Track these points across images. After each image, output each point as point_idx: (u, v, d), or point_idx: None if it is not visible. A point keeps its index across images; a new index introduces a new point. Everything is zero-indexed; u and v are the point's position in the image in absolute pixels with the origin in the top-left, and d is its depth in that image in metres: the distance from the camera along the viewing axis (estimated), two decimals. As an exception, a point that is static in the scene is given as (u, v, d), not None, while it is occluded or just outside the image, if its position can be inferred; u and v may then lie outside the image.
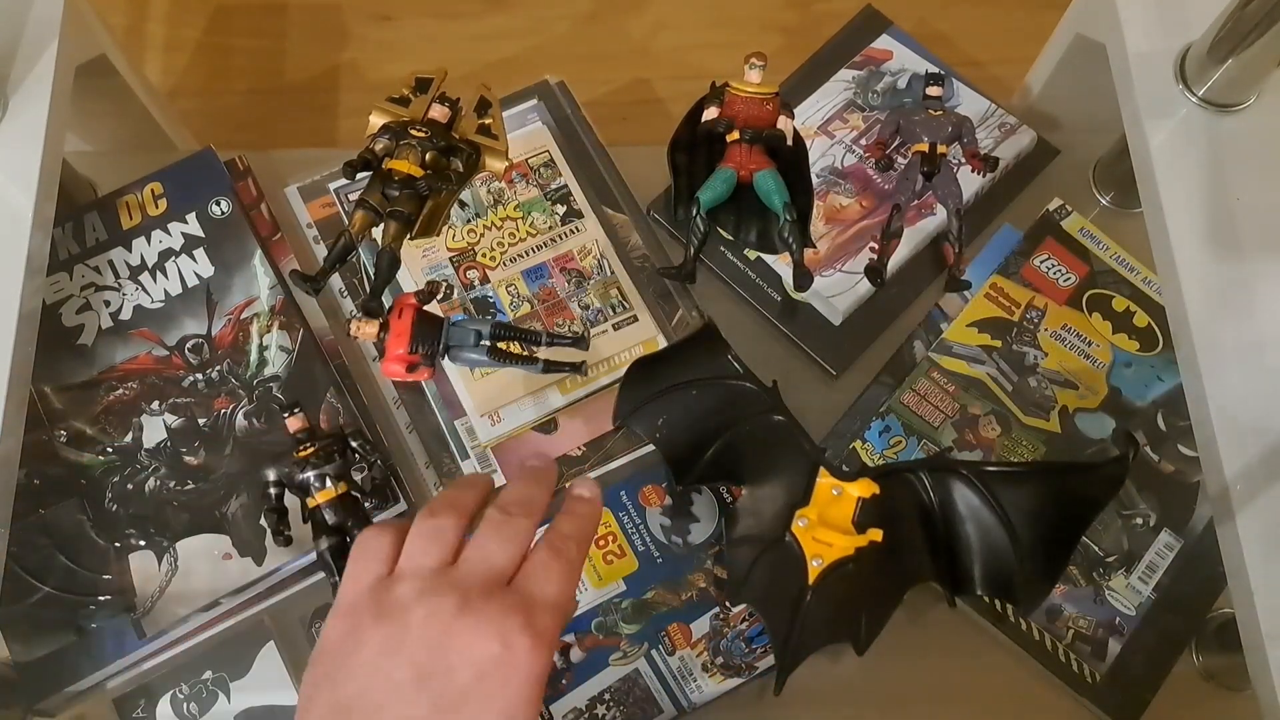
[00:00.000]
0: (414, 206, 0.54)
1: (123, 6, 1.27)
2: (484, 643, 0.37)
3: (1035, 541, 0.56)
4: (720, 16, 1.28)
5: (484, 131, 0.58)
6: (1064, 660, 0.63)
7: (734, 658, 0.63)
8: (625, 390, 0.63)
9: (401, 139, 0.54)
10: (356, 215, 0.54)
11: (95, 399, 0.66)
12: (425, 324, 0.56)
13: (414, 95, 0.57)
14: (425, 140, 0.54)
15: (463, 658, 0.37)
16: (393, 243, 0.54)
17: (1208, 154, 0.59)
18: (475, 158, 0.57)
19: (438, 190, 0.54)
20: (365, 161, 0.54)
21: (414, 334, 0.55)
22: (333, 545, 0.56)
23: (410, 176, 0.53)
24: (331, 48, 1.26)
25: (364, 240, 0.56)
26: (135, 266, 0.70)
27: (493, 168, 0.58)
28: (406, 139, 0.54)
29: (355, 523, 0.57)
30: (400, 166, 0.53)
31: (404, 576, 0.40)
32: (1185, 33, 0.62)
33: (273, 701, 0.61)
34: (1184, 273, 0.56)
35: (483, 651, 0.37)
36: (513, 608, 0.39)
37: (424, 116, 0.56)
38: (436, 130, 0.55)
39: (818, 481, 0.57)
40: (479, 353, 0.58)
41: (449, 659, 0.37)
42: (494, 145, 0.57)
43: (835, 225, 0.73)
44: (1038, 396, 0.69)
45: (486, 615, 0.38)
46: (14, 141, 0.59)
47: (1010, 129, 0.76)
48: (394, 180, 0.53)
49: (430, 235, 0.57)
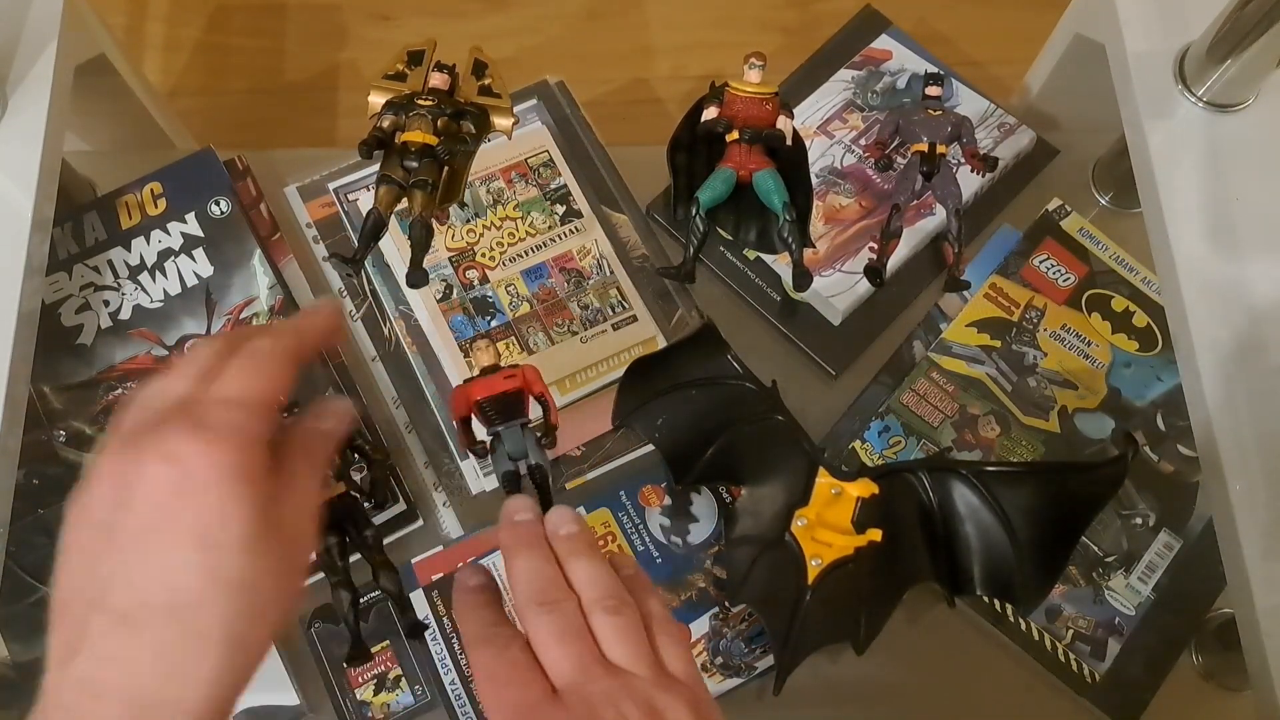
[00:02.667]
0: (435, 174, 0.54)
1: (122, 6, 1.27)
2: (151, 469, 0.32)
3: (1034, 541, 0.56)
4: (720, 16, 1.28)
5: (486, 92, 0.57)
6: (1063, 660, 0.63)
7: (733, 658, 0.63)
8: (624, 390, 0.63)
9: (409, 111, 0.54)
10: (381, 191, 0.55)
11: (94, 399, 0.66)
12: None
13: (409, 69, 0.57)
14: (434, 108, 0.54)
15: (139, 495, 0.32)
16: (422, 212, 0.54)
17: (1207, 154, 0.59)
18: (484, 118, 0.57)
19: (455, 154, 0.55)
20: (378, 140, 0.54)
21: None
22: (331, 545, 0.56)
23: (427, 145, 0.53)
24: (331, 47, 1.26)
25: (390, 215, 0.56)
26: (134, 266, 0.70)
27: (501, 126, 0.58)
28: (415, 110, 0.54)
29: (353, 523, 0.57)
30: (415, 137, 0.54)
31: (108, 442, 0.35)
32: (1185, 33, 0.62)
33: (273, 701, 0.61)
34: (1183, 273, 0.56)
35: (152, 480, 0.32)
36: (173, 423, 0.33)
37: (425, 87, 0.56)
38: (441, 97, 0.55)
39: (817, 481, 0.57)
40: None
41: (129, 506, 0.32)
42: (498, 104, 0.57)
43: (834, 225, 0.73)
44: (1037, 396, 0.69)
45: (145, 443, 0.33)
46: (13, 141, 0.59)
47: (1009, 129, 0.76)
48: (411, 151, 0.53)
49: (455, 200, 0.57)
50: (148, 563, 0.32)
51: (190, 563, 0.32)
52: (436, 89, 0.56)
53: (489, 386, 0.55)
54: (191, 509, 0.32)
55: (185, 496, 0.32)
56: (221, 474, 0.32)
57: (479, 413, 0.55)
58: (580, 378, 0.69)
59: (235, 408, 0.34)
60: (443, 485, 0.67)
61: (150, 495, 0.32)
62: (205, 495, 0.32)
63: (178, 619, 0.31)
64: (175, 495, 0.32)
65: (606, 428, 0.66)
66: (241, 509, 0.32)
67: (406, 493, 0.65)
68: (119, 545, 0.32)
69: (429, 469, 0.67)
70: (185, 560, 0.32)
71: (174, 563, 0.32)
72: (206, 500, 0.32)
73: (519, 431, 0.55)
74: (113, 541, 0.32)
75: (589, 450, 0.67)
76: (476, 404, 0.54)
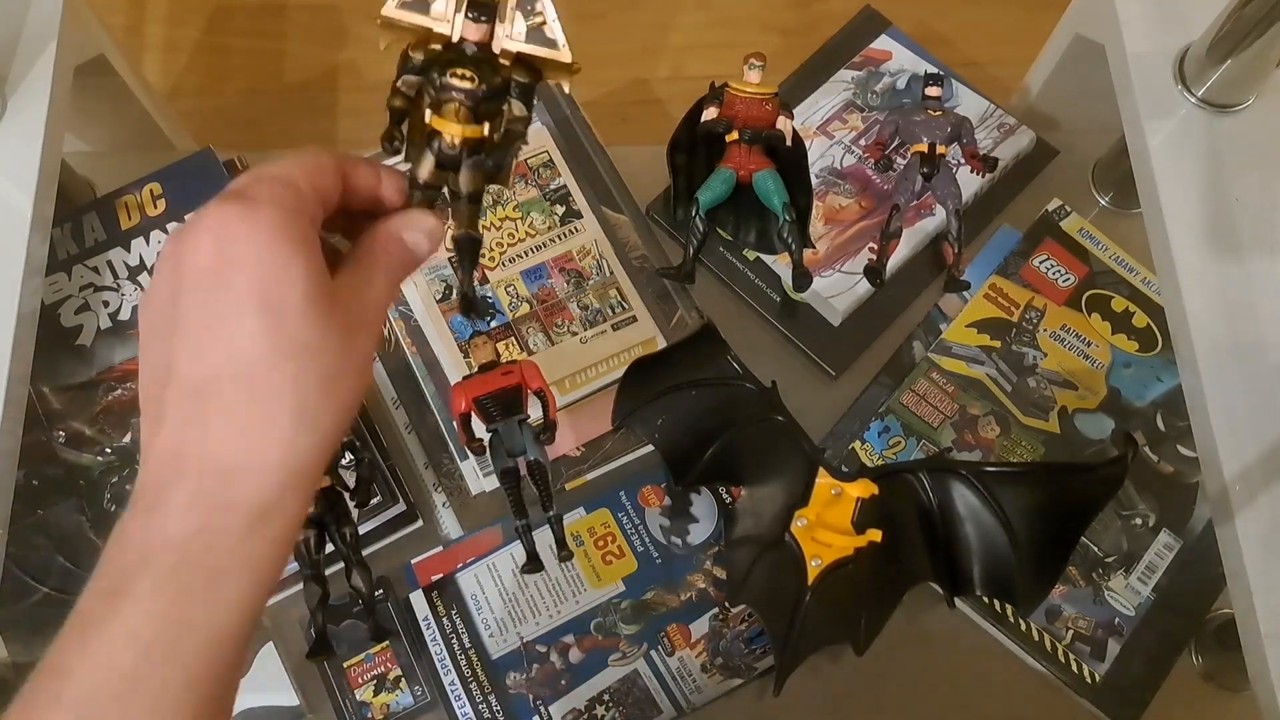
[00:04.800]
0: (481, 182, 0.41)
1: (122, 6, 1.27)
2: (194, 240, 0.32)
3: (1034, 542, 0.56)
4: (720, 17, 1.28)
5: (537, 38, 0.39)
6: (1063, 661, 0.63)
7: (733, 658, 0.63)
8: (624, 391, 0.63)
9: (442, 90, 0.38)
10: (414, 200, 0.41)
11: (94, 399, 0.66)
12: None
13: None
14: (474, 91, 0.38)
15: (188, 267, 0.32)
16: (469, 226, 0.42)
17: (1207, 154, 0.59)
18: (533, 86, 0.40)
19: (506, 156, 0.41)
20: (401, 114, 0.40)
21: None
22: (309, 537, 0.56)
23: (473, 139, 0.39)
24: (331, 48, 1.26)
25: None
26: (134, 267, 0.70)
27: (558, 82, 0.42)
28: (449, 92, 0.38)
29: (334, 518, 0.57)
30: (450, 129, 0.39)
31: None
32: (1184, 33, 0.62)
33: (273, 701, 0.61)
34: (1183, 273, 0.56)
35: (196, 250, 0.32)
36: (215, 199, 0.32)
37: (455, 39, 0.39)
38: (482, 67, 0.39)
39: (817, 482, 0.57)
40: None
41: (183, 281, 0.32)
42: (555, 56, 0.39)
43: (834, 226, 0.73)
44: (1037, 397, 0.69)
45: (190, 221, 0.32)
46: (13, 141, 0.59)
47: (1009, 129, 0.76)
48: (448, 148, 0.39)
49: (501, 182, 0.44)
50: (212, 331, 0.31)
51: (252, 326, 0.31)
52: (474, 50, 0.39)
53: (487, 383, 0.55)
54: (242, 272, 0.31)
55: (233, 261, 0.31)
56: (261, 233, 0.31)
57: (478, 409, 0.55)
58: (580, 378, 0.69)
59: (272, 181, 0.33)
60: (442, 486, 0.67)
61: (198, 264, 0.31)
62: (251, 256, 0.31)
63: (244, 383, 0.31)
64: (222, 260, 0.31)
65: (606, 428, 0.66)
66: (294, 268, 0.31)
67: (406, 493, 0.65)
68: (182, 321, 0.32)
69: (429, 469, 0.67)
70: (247, 323, 0.31)
71: (236, 327, 0.31)
72: (257, 261, 0.31)
73: (517, 427, 0.55)
74: (176, 319, 0.32)
75: (589, 450, 0.67)
76: (475, 401, 0.54)
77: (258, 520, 0.31)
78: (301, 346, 0.32)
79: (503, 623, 0.64)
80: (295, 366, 0.32)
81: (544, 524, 0.59)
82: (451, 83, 0.39)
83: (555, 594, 0.64)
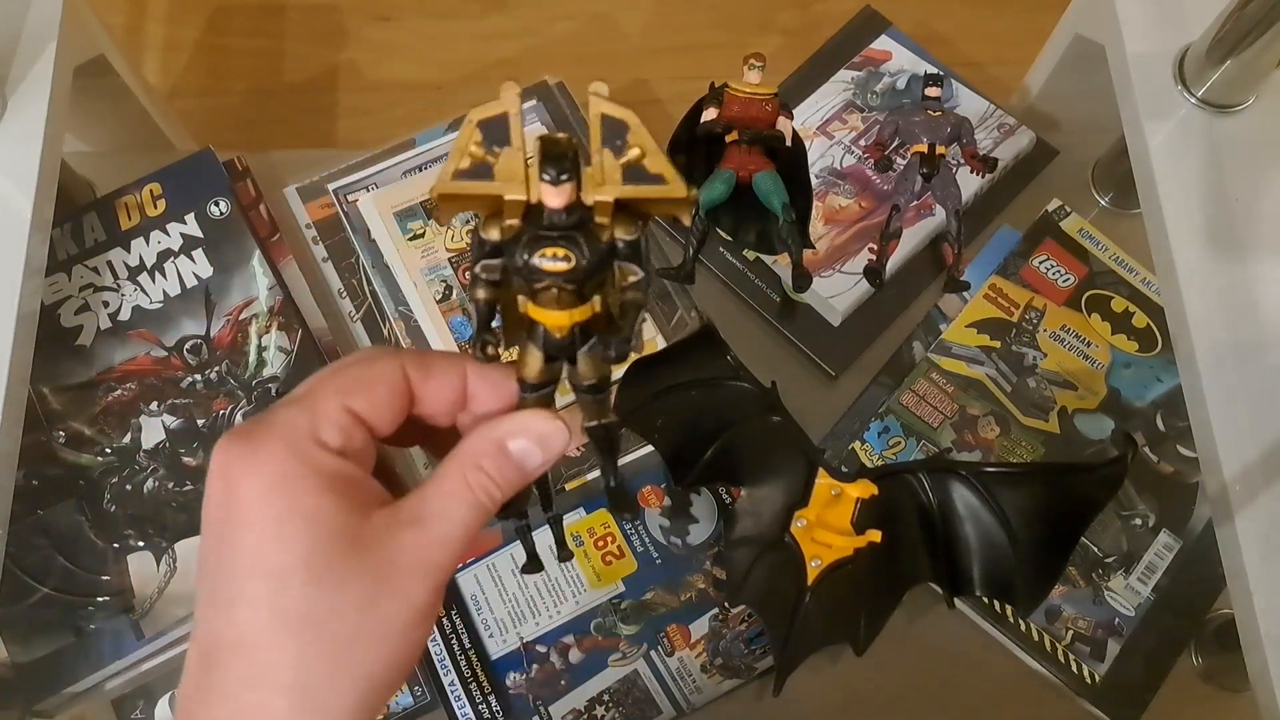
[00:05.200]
0: (605, 369, 0.34)
1: (122, 6, 1.27)
2: (208, 490, 0.30)
3: (1034, 542, 0.56)
4: (720, 17, 1.28)
5: (637, 175, 0.30)
6: (1063, 661, 0.63)
7: (733, 659, 0.63)
8: (623, 391, 0.62)
9: (532, 274, 0.30)
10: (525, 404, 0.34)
11: (94, 400, 0.66)
12: None
13: (489, 153, 0.29)
14: (572, 271, 0.29)
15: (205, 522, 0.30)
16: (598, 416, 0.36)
17: (1206, 155, 0.59)
18: (642, 240, 0.31)
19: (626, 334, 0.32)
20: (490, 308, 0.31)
21: None
22: None
23: (581, 325, 0.31)
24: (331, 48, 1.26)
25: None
26: (134, 267, 0.70)
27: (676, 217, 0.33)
28: (541, 278, 0.30)
29: None
30: (553, 319, 0.31)
31: None
32: (1184, 33, 0.62)
33: (271, 702, 0.61)
34: (1183, 273, 0.56)
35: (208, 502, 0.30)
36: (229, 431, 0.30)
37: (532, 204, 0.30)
38: (575, 236, 0.29)
39: (816, 482, 0.57)
40: None
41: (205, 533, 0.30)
42: (666, 192, 0.30)
43: (834, 226, 0.73)
44: (1037, 397, 0.69)
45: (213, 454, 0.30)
46: (12, 142, 0.59)
47: (1009, 130, 0.76)
48: (559, 342, 0.31)
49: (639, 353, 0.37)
50: (217, 589, 0.29)
51: (251, 592, 0.28)
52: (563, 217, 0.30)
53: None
54: (241, 530, 0.28)
55: (232, 519, 0.28)
56: (262, 479, 0.28)
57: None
58: (580, 378, 0.68)
59: (290, 407, 0.29)
60: (442, 486, 0.67)
61: (210, 514, 0.29)
62: (251, 514, 0.28)
63: (243, 657, 0.28)
64: (224, 515, 0.28)
65: (606, 428, 0.66)
66: (294, 525, 0.27)
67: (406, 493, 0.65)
68: (204, 564, 0.30)
69: (429, 470, 0.67)
70: (246, 589, 0.28)
71: (236, 593, 0.28)
72: (258, 519, 0.28)
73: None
74: (202, 573, 0.30)
75: (589, 450, 0.67)
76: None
77: None
78: (303, 620, 0.28)
79: (502, 623, 0.64)
80: (298, 643, 0.28)
81: (544, 524, 0.59)
82: (541, 267, 0.30)
83: (555, 594, 0.64)
